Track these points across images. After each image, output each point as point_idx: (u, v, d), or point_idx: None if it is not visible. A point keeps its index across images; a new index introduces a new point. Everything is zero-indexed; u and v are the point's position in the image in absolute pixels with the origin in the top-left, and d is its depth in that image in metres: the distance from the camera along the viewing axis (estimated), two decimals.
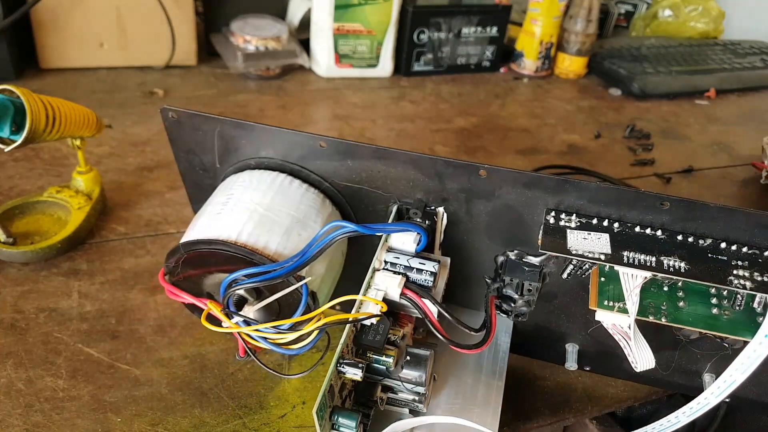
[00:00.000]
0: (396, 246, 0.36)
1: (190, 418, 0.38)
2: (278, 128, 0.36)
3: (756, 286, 0.30)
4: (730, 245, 0.31)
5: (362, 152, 0.35)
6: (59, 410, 0.37)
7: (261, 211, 0.35)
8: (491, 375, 0.40)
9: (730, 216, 0.31)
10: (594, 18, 0.97)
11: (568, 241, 0.32)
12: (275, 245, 0.34)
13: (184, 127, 0.39)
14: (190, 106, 0.80)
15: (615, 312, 0.32)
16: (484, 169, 0.33)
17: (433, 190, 0.36)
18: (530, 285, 0.35)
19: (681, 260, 0.31)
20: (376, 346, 0.32)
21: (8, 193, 0.57)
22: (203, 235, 0.35)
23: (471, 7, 0.92)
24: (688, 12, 1.18)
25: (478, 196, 0.35)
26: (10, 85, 0.42)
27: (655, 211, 0.32)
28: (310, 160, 0.37)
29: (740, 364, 0.29)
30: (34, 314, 0.44)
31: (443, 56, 0.95)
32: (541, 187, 0.33)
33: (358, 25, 0.87)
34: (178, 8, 0.82)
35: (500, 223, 0.36)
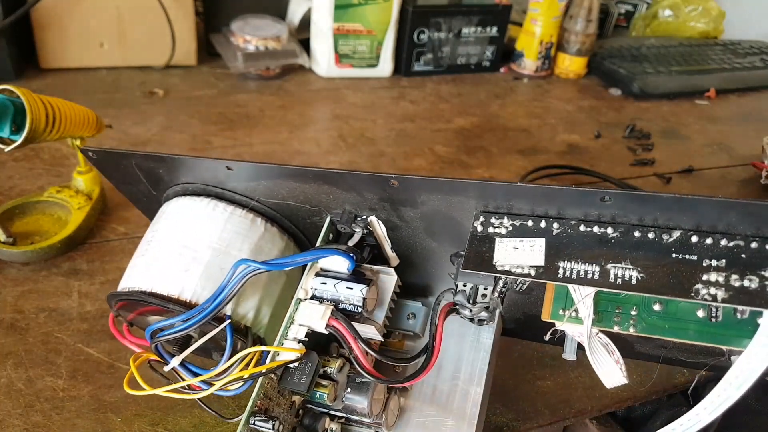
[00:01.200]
0: (327, 267, 0.33)
1: (190, 418, 0.38)
2: (185, 157, 0.35)
3: (731, 296, 0.23)
4: (704, 238, 0.25)
5: (269, 172, 0.33)
6: (59, 410, 0.37)
7: (179, 250, 0.34)
8: (469, 381, 0.36)
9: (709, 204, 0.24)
10: (594, 18, 0.97)
11: (495, 254, 0.27)
12: (192, 288, 0.33)
13: (108, 164, 0.38)
14: (190, 106, 0.80)
15: (570, 322, 0.28)
16: (395, 179, 0.30)
17: (356, 202, 0.33)
18: (485, 290, 0.31)
19: (634, 267, 0.25)
20: (301, 390, 0.30)
21: (8, 193, 0.57)
22: (126, 284, 0.34)
23: (471, 7, 0.92)
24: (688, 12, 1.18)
25: (403, 204, 0.32)
26: (10, 85, 0.42)
27: (600, 206, 0.26)
28: (227, 182, 0.36)
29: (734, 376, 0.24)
30: (34, 314, 0.44)
31: (443, 56, 0.95)
32: (459, 191, 0.29)
33: (358, 25, 0.87)
34: (178, 8, 0.82)
35: (438, 227, 0.33)
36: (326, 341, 0.34)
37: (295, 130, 0.75)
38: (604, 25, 1.16)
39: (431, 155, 0.73)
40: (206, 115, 0.76)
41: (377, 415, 0.33)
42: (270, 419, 0.30)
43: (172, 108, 0.76)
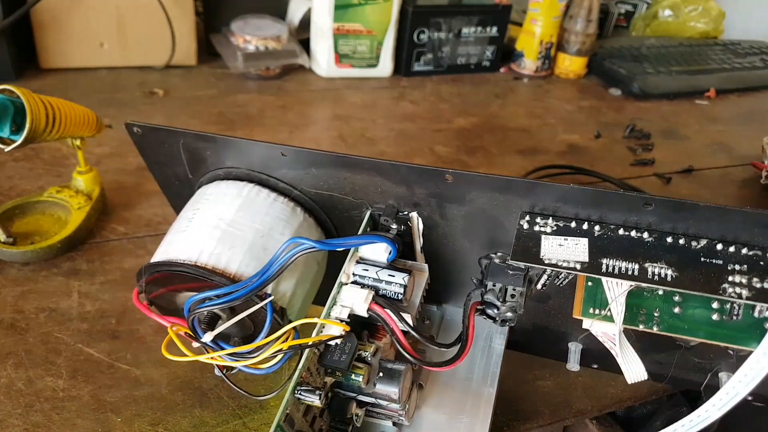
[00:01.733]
0: (367, 256, 0.34)
1: (190, 418, 0.38)
2: (238, 139, 0.35)
3: (754, 295, 0.26)
4: (727, 246, 0.28)
5: (323, 160, 0.34)
6: (59, 410, 0.37)
7: (223, 227, 0.34)
8: (482, 382, 0.38)
9: (724, 215, 0.28)
10: (594, 18, 0.97)
11: (541, 249, 0.29)
12: (237, 263, 0.33)
13: (151, 141, 0.38)
14: (190, 106, 0.80)
15: (601, 320, 0.30)
16: (450, 174, 0.31)
17: (403, 196, 0.34)
18: (514, 290, 0.32)
19: (669, 266, 0.28)
20: (341, 367, 0.31)
21: (8, 193, 0.57)
22: (166, 256, 0.34)
23: (471, 7, 0.92)
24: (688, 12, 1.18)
25: (449, 201, 0.33)
26: (10, 85, 0.42)
27: (640, 212, 0.29)
28: (276, 169, 0.36)
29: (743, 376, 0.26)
30: (34, 314, 0.44)
31: (443, 56, 0.95)
32: (511, 190, 0.31)
33: (358, 25, 0.87)
34: (178, 8, 0.82)
35: (478, 227, 0.34)
36: (359, 329, 0.34)
37: (295, 130, 0.75)
38: (604, 25, 1.16)
39: (431, 155, 0.73)
40: (206, 115, 0.76)
41: (404, 402, 0.34)
42: (316, 389, 0.30)
43: (172, 108, 0.76)
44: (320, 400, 0.30)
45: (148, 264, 0.34)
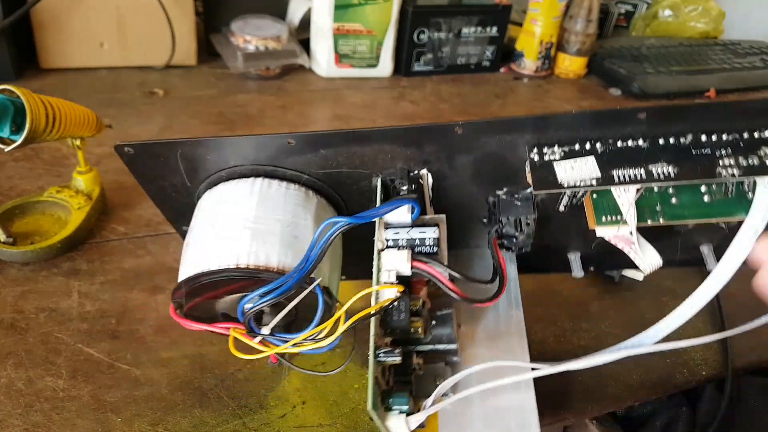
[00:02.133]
0: (392, 221, 0.35)
1: (190, 418, 0.38)
2: (242, 137, 0.35)
3: (743, 172, 0.31)
4: (710, 136, 0.32)
5: (333, 139, 0.35)
6: (59, 410, 0.37)
7: (250, 226, 0.34)
8: (508, 306, 0.41)
9: (705, 111, 0.32)
10: (594, 18, 0.97)
11: (557, 175, 0.32)
12: (276, 256, 0.34)
13: (144, 158, 0.38)
14: (190, 107, 0.80)
15: (614, 226, 0.34)
16: (459, 126, 0.33)
17: (413, 157, 0.36)
18: (527, 219, 0.36)
19: (668, 164, 0.32)
20: (404, 326, 0.33)
21: (8, 193, 0.57)
22: (202, 267, 0.34)
23: (471, 7, 0.92)
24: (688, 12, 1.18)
25: (459, 151, 0.35)
26: (10, 85, 0.42)
27: (634, 123, 0.32)
28: (283, 158, 0.36)
29: (741, 241, 0.31)
30: (34, 314, 0.44)
31: (443, 56, 0.95)
32: (519, 128, 0.33)
33: (358, 25, 0.87)
34: (178, 8, 0.82)
35: (485, 170, 0.36)
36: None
37: (295, 130, 0.75)
38: (604, 25, 1.16)
39: None
40: (206, 115, 0.76)
41: (457, 339, 0.36)
42: (394, 350, 0.32)
43: (172, 108, 0.76)
44: (400, 357, 0.32)
45: (186, 278, 0.34)
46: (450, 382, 0.34)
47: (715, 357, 0.46)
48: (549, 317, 0.48)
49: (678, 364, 0.45)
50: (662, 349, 0.33)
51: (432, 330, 0.35)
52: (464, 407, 0.36)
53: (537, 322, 0.48)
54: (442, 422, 0.36)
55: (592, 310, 0.50)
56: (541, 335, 0.47)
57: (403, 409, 0.32)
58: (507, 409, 0.36)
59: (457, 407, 0.36)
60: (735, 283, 0.39)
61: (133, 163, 0.38)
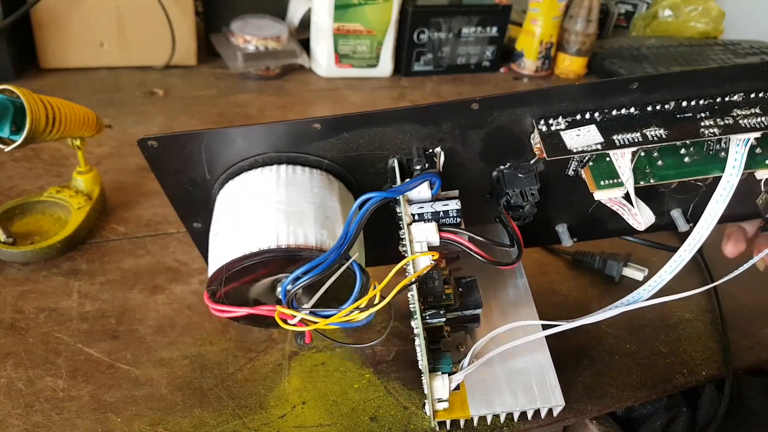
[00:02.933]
0: (414, 197, 0.37)
1: (190, 418, 0.38)
2: (268, 123, 0.36)
3: (723, 130, 0.36)
4: (689, 102, 0.36)
5: (356, 121, 0.36)
6: (59, 410, 0.37)
7: (284, 209, 0.35)
8: (511, 276, 0.45)
9: (685, 78, 0.36)
10: (594, 18, 0.97)
11: (566, 143, 0.36)
12: (313, 235, 0.34)
13: (167, 151, 0.38)
14: (190, 107, 0.80)
15: (613, 189, 0.37)
16: (476, 102, 0.36)
17: (429, 136, 0.37)
18: (531, 189, 0.39)
19: (659, 128, 0.36)
20: (440, 291, 0.34)
21: (8, 193, 0.57)
22: (243, 250, 0.34)
23: (471, 7, 0.92)
24: (688, 12, 1.18)
25: (473, 127, 0.37)
26: (10, 85, 0.42)
27: (626, 93, 0.36)
28: (305, 144, 0.37)
29: (719, 195, 0.36)
30: (34, 314, 0.44)
31: (443, 56, 0.95)
32: (527, 101, 0.36)
33: (358, 25, 0.87)
34: (178, 8, 0.82)
35: (493, 144, 0.38)
36: None
37: None
38: (604, 25, 1.16)
39: None
40: (206, 115, 0.76)
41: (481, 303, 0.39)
42: (438, 311, 0.35)
43: (172, 108, 0.76)
44: (445, 318, 0.35)
45: (228, 262, 0.34)
46: (481, 343, 0.37)
47: (715, 357, 0.46)
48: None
49: (678, 364, 0.45)
50: (655, 302, 0.37)
51: (460, 297, 0.38)
52: (487, 371, 0.40)
53: None
54: (469, 386, 0.39)
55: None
56: None
57: (447, 370, 0.35)
58: (527, 368, 0.40)
59: (480, 372, 0.39)
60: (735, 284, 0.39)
61: (155, 157, 0.38)
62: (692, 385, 0.45)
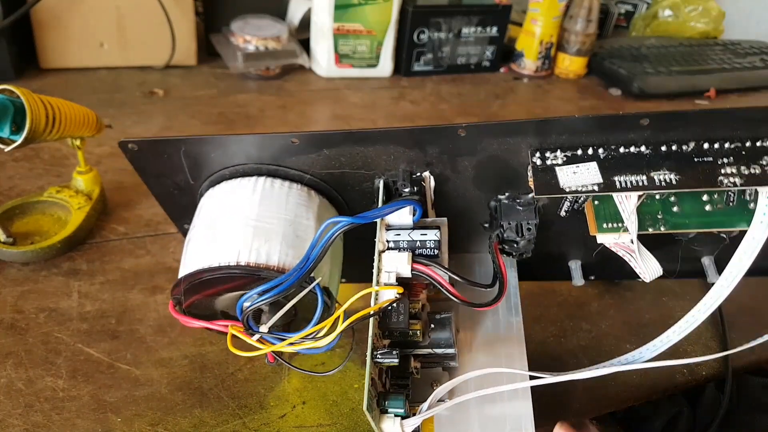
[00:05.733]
0: (393, 222, 0.35)
1: (190, 418, 0.38)
2: (246, 135, 0.36)
3: (745, 181, 0.31)
4: (712, 144, 0.32)
5: (336, 139, 0.35)
6: (59, 410, 0.37)
7: (253, 224, 0.35)
8: (508, 313, 0.41)
9: (708, 117, 0.32)
10: (594, 18, 0.97)
11: (559, 180, 0.33)
12: (277, 255, 0.34)
13: (148, 155, 0.38)
14: (190, 107, 0.80)
15: (615, 233, 0.34)
16: (462, 128, 0.34)
17: (416, 159, 0.36)
18: (528, 224, 0.36)
19: (670, 171, 0.32)
20: (402, 327, 0.33)
21: (8, 193, 0.57)
22: (203, 263, 0.34)
23: (471, 7, 0.92)
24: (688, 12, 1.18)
25: (461, 154, 0.35)
26: (10, 85, 0.42)
27: (636, 129, 0.33)
28: (286, 158, 0.37)
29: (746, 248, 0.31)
30: (34, 314, 0.44)
31: (443, 56, 0.95)
32: (521, 132, 0.34)
33: (358, 25, 0.87)
34: (178, 8, 0.82)
35: (487, 173, 0.36)
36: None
37: (295, 130, 0.75)
38: (604, 25, 1.16)
39: None
40: (206, 115, 0.76)
41: (455, 343, 0.36)
42: (391, 351, 0.32)
43: (172, 108, 0.76)
44: (398, 359, 0.32)
45: (186, 274, 0.34)
46: (447, 387, 0.34)
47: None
48: (549, 317, 0.48)
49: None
50: (655, 366, 0.33)
51: (430, 333, 0.35)
52: (461, 413, 0.36)
53: (537, 321, 0.48)
54: (438, 427, 0.36)
55: (592, 309, 0.50)
56: (542, 335, 0.47)
57: (399, 413, 0.32)
58: (503, 416, 0.36)
59: (453, 413, 0.36)
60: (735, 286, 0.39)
61: (137, 160, 0.38)
62: (692, 385, 0.44)
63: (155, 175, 0.39)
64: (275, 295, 0.32)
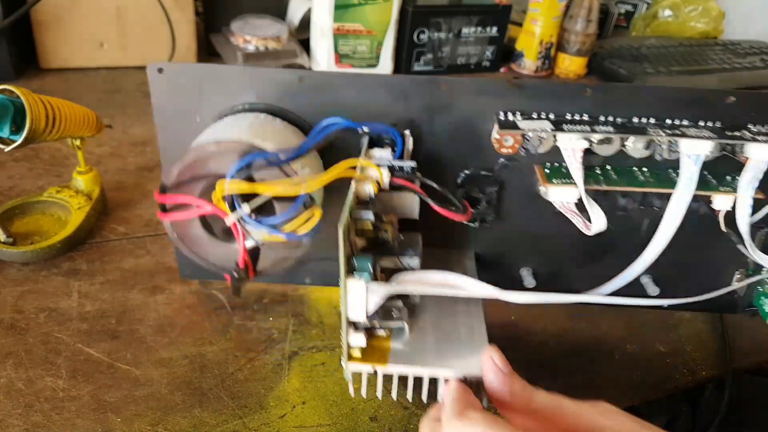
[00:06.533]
0: (375, 156, 0.39)
1: (189, 418, 0.38)
2: (259, 67, 0.40)
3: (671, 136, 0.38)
4: (640, 119, 0.39)
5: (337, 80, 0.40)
6: (59, 410, 0.37)
7: (252, 121, 0.38)
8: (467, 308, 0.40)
9: (637, 93, 0.39)
10: (594, 18, 0.97)
11: (519, 125, 0.39)
12: (272, 145, 0.35)
13: (171, 83, 0.40)
14: None
15: (564, 186, 0.39)
16: (444, 83, 0.39)
17: (402, 117, 0.40)
18: (490, 189, 0.42)
19: (607, 126, 0.39)
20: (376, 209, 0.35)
21: (8, 193, 0.57)
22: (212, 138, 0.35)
23: (471, 7, 0.92)
24: (688, 12, 1.19)
25: (439, 112, 0.40)
26: (10, 85, 0.42)
27: (581, 100, 0.39)
28: (289, 99, 0.40)
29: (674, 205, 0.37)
30: (34, 314, 0.44)
31: (443, 56, 0.95)
32: (489, 92, 0.39)
33: (358, 25, 0.87)
34: (178, 8, 0.82)
35: (459, 137, 0.41)
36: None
37: None
38: (604, 25, 1.16)
39: None
40: None
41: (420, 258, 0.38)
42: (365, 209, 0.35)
43: None
44: (374, 218, 0.34)
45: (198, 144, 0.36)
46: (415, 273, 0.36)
47: (715, 357, 0.46)
48: (549, 316, 0.48)
49: (678, 363, 0.45)
50: (610, 302, 0.39)
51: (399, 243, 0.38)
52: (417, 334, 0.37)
53: (537, 321, 0.48)
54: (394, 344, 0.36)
55: (591, 309, 0.50)
56: (542, 336, 0.47)
57: (365, 271, 0.33)
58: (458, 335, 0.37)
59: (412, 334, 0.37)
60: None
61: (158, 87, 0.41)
62: (692, 385, 0.44)
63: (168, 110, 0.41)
64: (264, 160, 0.33)
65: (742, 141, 0.37)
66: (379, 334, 0.36)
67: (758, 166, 0.37)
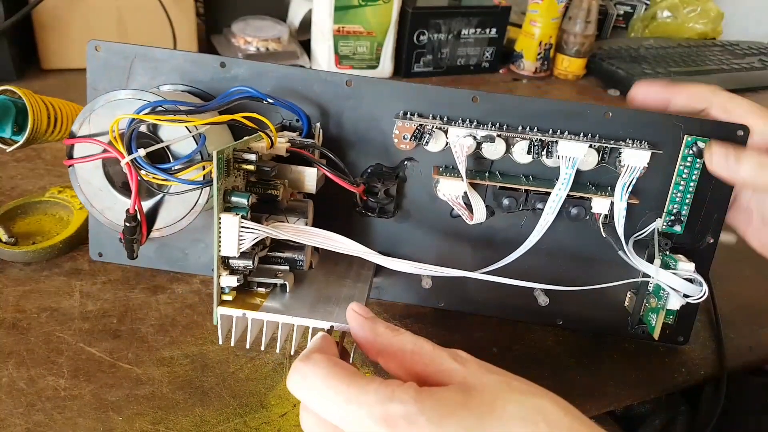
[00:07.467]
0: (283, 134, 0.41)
1: (191, 417, 0.38)
2: (184, 52, 0.42)
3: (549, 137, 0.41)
4: (524, 129, 0.42)
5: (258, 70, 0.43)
6: (61, 409, 0.38)
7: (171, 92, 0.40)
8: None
9: (522, 104, 0.42)
10: (593, 19, 0.97)
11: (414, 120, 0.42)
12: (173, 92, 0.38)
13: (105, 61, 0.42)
14: None
15: (452, 179, 0.42)
16: (349, 80, 0.42)
17: (313, 112, 0.42)
18: (389, 184, 0.44)
19: (492, 127, 0.42)
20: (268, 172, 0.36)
21: (10, 194, 0.57)
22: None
23: (470, 9, 0.93)
24: (687, 13, 1.19)
25: (346, 109, 0.42)
26: (12, 86, 0.42)
27: (471, 108, 0.42)
28: (210, 84, 0.42)
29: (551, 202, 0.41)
30: (35, 314, 0.44)
31: (443, 57, 0.95)
32: (389, 91, 0.42)
33: (358, 26, 0.87)
34: (178, 9, 0.82)
35: (363, 134, 0.43)
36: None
37: None
38: (603, 26, 1.17)
39: None
40: None
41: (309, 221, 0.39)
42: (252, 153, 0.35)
43: None
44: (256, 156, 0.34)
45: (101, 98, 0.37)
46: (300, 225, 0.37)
47: (714, 357, 0.47)
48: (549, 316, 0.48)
49: (676, 363, 0.46)
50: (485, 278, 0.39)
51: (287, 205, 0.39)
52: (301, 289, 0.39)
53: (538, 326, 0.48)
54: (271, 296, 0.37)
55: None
56: (542, 335, 0.47)
57: (241, 205, 0.33)
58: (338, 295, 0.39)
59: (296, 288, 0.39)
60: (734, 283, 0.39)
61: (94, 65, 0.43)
62: (691, 384, 0.45)
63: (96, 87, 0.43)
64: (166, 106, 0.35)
65: (617, 146, 0.41)
66: (258, 290, 0.37)
67: (631, 172, 0.41)
